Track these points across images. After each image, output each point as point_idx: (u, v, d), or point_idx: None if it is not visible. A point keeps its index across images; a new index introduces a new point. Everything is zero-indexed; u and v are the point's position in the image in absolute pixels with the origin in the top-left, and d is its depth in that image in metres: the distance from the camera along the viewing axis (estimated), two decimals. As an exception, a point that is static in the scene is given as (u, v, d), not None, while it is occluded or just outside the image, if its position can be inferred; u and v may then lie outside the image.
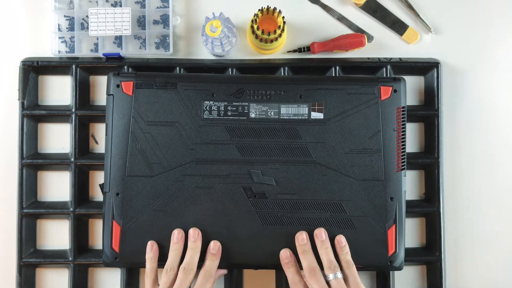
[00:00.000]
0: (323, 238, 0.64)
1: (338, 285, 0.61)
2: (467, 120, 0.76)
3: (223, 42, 0.69)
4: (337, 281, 0.61)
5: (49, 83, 0.76)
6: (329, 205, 0.65)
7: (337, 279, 0.61)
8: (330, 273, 0.62)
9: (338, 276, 0.62)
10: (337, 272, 0.62)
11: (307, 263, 0.63)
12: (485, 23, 0.76)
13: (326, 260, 0.63)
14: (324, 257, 0.63)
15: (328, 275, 0.62)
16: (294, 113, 0.66)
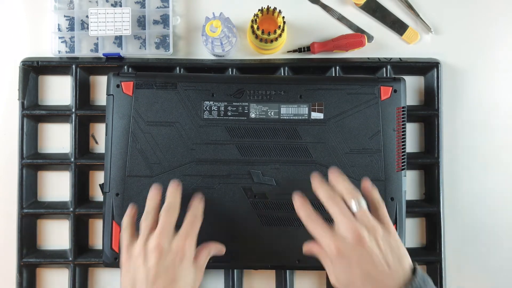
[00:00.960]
0: (336, 173, 0.58)
1: (365, 216, 0.54)
2: (467, 120, 0.76)
3: (223, 42, 0.69)
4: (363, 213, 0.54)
5: (49, 83, 0.76)
6: (329, 205, 0.65)
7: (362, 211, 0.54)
8: (353, 202, 0.55)
9: (363, 206, 0.55)
10: (360, 199, 0.55)
11: (325, 193, 0.56)
12: (485, 23, 0.76)
13: (347, 189, 0.56)
14: (342, 186, 0.56)
15: (351, 204, 0.55)
16: (294, 113, 0.66)
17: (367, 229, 0.53)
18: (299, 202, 0.58)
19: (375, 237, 0.53)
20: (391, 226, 0.56)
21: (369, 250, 0.52)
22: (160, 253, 0.55)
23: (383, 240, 0.54)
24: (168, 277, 0.54)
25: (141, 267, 0.54)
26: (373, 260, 0.52)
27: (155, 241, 0.55)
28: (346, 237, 0.53)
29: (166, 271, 0.54)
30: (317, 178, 0.58)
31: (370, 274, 0.52)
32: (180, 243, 0.56)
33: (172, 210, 0.58)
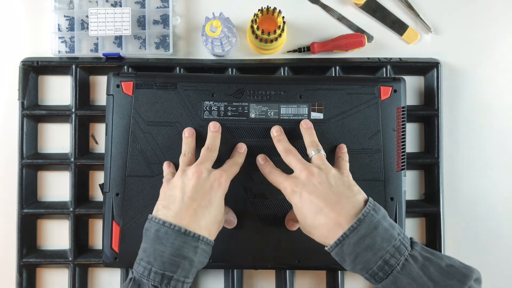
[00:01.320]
0: (309, 125, 0.64)
1: (319, 159, 0.59)
2: (467, 120, 0.76)
3: (223, 42, 0.69)
4: (318, 155, 0.59)
5: (49, 83, 0.76)
6: (329, 205, 0.65)
7: (319, 154, 0.59)
8: (312, 150, 0.60)
9: (321, 152, 0.60)
10: (319, 149, 0.60)
11: (282, 147, 0.62)
12: (485, 23, 0.76)
13: (309, 141, 0.62)
14: (308, 138, 0.62)
15: (310, 152, 0.60)
16: (294, 113, 0.66)
17: (318, 166, 0.58)
18: (261, 160, 0.64)
19: (326, 173, 0.57)
20: (346, 171, 0.60)
21: (317, 183, 0.56)
22: (198, 177, 0.58)
23: (334, 176, 0.57)
24: (203, 201, 0.56)
25: (178, 189, 0.57)
26: (321, 192, 0.55)
27: (195, 167, 0.59)
28: (299, 176, 0.57)
29: (203, 195, 0.57)
30: (275, 134, 0.64)
31: (319, 205, 0.54)
32: (218, 174, 0.59)
33: (212, 149, 0.62)
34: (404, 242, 0.52)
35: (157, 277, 0.53)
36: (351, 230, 0.51)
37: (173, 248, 0.53)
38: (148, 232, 0.55)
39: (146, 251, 0.54)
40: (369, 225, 0.52)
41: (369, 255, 0.51)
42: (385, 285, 0.51)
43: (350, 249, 0.52)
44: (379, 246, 0.51)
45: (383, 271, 0.51)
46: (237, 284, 0.72)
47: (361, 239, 0.51)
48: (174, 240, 0.54)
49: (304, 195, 0.55)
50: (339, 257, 0.53)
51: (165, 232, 0.54)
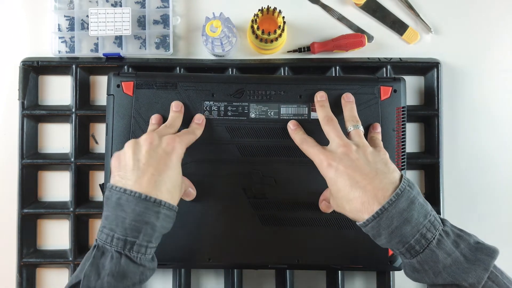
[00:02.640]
0: (350, 99, 0.64)
1: (357, 135, 0.59)
2: (467, 120, 0.76)
3: (223, 42, 0.69)
4: (356, 131, 0.59)
5: (49, 83, 0.76)
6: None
7: (357, 130, 0.59)
8: (351, 125, 0.60)
9: (359, 128, 0.60)
10: (358, 124, 0.60)
11: (324, 113, 0.61)
12: (485, 23, 0.76)
13: (349, 115, 0.62)
14: (348, 112, 0.62)
15: (349, 126, 0.60)
16: (294, 113, 0.66)
17: (357, 145, 0.57)
18: (293, 126, 0.64)
19: (363, 151, 0.57)
20: (383, 150, 0.59)
21: (354, 158, 0.55)
22: (150, 143, 0.57)
23: (372, 154, 0.57)
24: (159, 165, 0.56)
25: (131, 157, 0.57)
26: (359, 166, 0.55)
27: (146, 135, 0.58)
28: (336, 151, 0.57)
29: (157, 160, 0.56)
30: (318, 98, 0.64)
31: (356, 178, 0.54)
32: (170, 139, 0.58)
33: (170, 126, 0.62)
34: (437, 218, 0.54)
35: (119, 242, 0.53)
36: (390, 204, 0.52)
37: (134, 214, 0.53)
38: (109, 200, 0.55)
39: (108, 218, 0.55)
40: (407, 199, 0.52)
41: (407, 228, 0.52)
42: (421, 260, 0.52)
43: (388, 223, 0.52)
44: (416, 220, 0.52)
45: (419, 244, 0.52)
46: (237, 284, 0.72)
47: (400, 213, 0.52)
48: (135, 206, 0.54)
49: (340, 169, 0.55)
50: (374, 231, 0.53)
51: (126, 200, 0.54)
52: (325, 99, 0.64)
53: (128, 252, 0.53)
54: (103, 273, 0.53)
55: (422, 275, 0.53)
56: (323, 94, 0.64)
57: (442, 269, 0.51)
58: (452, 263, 0.51)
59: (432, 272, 0.52)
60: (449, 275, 0.51)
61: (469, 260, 0.51)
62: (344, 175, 0.55)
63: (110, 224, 0.54)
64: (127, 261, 0.53)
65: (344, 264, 0.67)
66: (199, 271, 0.75)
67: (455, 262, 0.51)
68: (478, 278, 0.50)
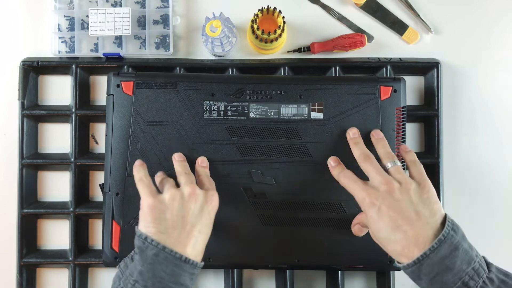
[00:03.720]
0: (380, 136, 0.62)
1: (398, 172, 0.57)
2: (467, 120, 0.76)
3: (223, 42, 0.69)
4: (396, 168, 0.57)
5: (49, 83, 0.76)
6: (329, 205, 0.65)
7: (396, 167, 0.57)
8: (388, 162, 0.58)
9: (397, 164, 0.58)
10: (395, 160, 0.58)
11: (360, 151, 0.60)
12: (485, 23, 0.76)
13: (383, 152, 0.60)
14: (381, 149, 0.60)
15: (386, 163, 0.58)
16: (294, 113, 0.66)
17: (399, 182, 0.55)
18: (333, 162, 0.63)
19: (407, 189, 0.55)
20: (427, 183, 0.57)
21: (398, 198, 0.54)
22: (195, 201, 0.57)
23: (415, 193, 0.55)
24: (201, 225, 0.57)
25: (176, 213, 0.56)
26: (401, 208, 0.53)
27: (190, 188, 0.58)
28: (378, 188, 0.55)
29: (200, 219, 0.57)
30: (351, 135, 0.63)
31: (397, 222, 0.53)
32: (212, 195, 0.59)
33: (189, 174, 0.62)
34: (482, 264, 0.52)
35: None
36: (431, 250, 0.51)
37: (172, 275, 0.53)
38: (144, 254, 0.54)
39: (142, 274, 0.54)
40: (450, 246, 0.51)
41: (449, 276, 0.51)
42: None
43: (429, 269, 0.51)
44: (459, 268, 0.51)
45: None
46: (237, 284, 0.72)
47: (441, 260, 0.51)
48: (174, 267, 0.53)
49: (382, 209, 0.54)
50: (414, 275, 0.52)
51: (165, 258, 0.53)
52: (358, 136, 0.63)
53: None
54: None
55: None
56: (356, 131, 0.63)
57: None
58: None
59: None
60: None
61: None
62: (386, 217, 0.54)
63: (144, 281, 0.53)
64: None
65: (344, 264, 0.67)
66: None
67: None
68: None
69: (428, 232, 0.52)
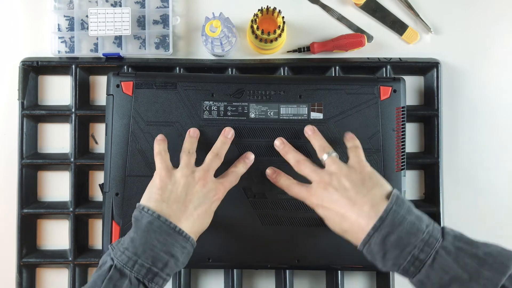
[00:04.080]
0: (313, 131, 0.63)
1: (332, 162, 0.58)
2: (467, 120, 0.76)
3: (223, 42, 0.69)
4: (330, 159, 0.58)
5: (49, 83, 0.76)
6: (329, 205, 0.65)
7: (331, 157, 0.58)
8: (323, 154, 0.59)
9: (333, 155, 0.59)
10: (330, 151, 0.59)
11: (293, 159, 0.61)
12: (485, 23, 0.76)
13: (318, 145, 0.61)
14: (316, 143, 0.61)
15: (322, 157, 0.59)
16: (293, 113, 0.66)
17: (331, 173, 0.57)
18: (271, 173, 0.64)
19: (339, 179, 0.56)
20: (362, 164, 0.58)
21: (333, 191, 0.56)
22: (203, 186, 0.58)
23: (348, 178, 0.56)
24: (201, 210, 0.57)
25: (182, 188, 0.57)
26: (338, 200, 0.55)
27: (202, 173, 0.59)
28: (316, 190, 0.57)
29: (202, 204, 0.58)
30: (280, 147, 0.64)
31: (340, 213, 0.55)
32: (220, 187, 0.60)
33: (219, 156, 0.62)
34: (434, 234, 0.51)
35: (142, 270, 0.52)
36: (374, 230, 0.52)
37: (164, 244, 0.53)
38: (139, 222, 0.55)
39: (134, 241, 0.53)
40: (392, 222, 0.51)
41: (397, 252, 0.51)
42: (419, 279, 0.51)
43: (377, 248, 0.52)
44: (406, 242, 0.50)
45: (414, 266, 0.50)
46: (237, 284, 0.72)
47: (385, 237, 0.51)
48: (167, 236, 0.53)
49: (325, 206, 0.56)
50: (369, 256, 0.53)
51: (159, 226, 0.54)
52: (285, 144, 0.63)
53: (148, 282, 0.52)
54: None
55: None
56: (281, 141, 0.64)
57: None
58: (451, 281, 0.48)
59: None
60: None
61: (472, 278, 0.48)
62: (330, 213, 0.56)
63: (135, 248, 0.53)
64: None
65: (344, 264, 0.67)
66: (199, 271, 0.75)
67: (455, 280, 0.48)
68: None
69: (369, 212, 0.53)
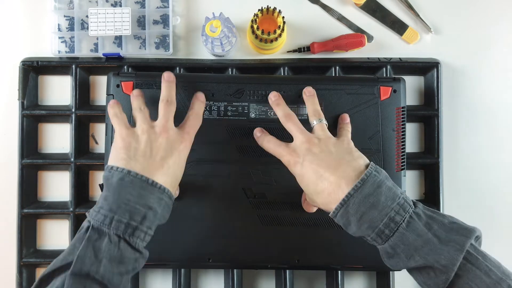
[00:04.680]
0: (312, 93, 0.63)
1: (320, 129, 0.59)
2: (467, 120, 0.76)
3: (223, 42, 0.69)
4: (320, 125, 0.59)
5: (49, 83, 0.76)
6: (329, 205, 0.65)
7: (321, 124, 0.59)
8: (314, 119, 0.60)
9: (323, 122, 0.60)
10: (321, 118, 0.60)
11: (282, 112, 0.61)
12: (485, 23, 0.76)
13: (312, 110, 0.61)
14: (310, 107, 0.62)
15: (312, 121, 0.60)
16: (294, 113, 0.66)
17: (319, 137, 0.58)
18: (258, 132, 0.63)
19: (326, 143, 0.57)
20: (346, 138, 0.60)
21: (317, 152, 0.56)
22: (166, 138, 0.57)
23: (334, 145, 0.57)
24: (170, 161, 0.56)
25: (145, 144, 0.56)
26: (322, 160, 0.55)
27: (162, 127, 0.57)
28: (299, 148, 0.57)
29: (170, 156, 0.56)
30: (273, 98, 0.63)
31: (319, 172, 0.55)
32: (183, 133, 0.59)
33: (170, 101, 0.60)
34: (408, 200, 0.53)
35: (120, 225, 0.51)
36: (355, 190, 0.52)
37: (139, 197, 0.52)
38: (110, 181, 0.53)
39: (107, 199, 0.52)
40: (373, 184, 0.52)
41: (375, 213, 0.52)
42: (392, 243, 0.52)
43: (355, 209, 0.52)
44: (383, 204, 0.52)
45: (389, 228, 0.52)
46: (237, 284, 0.72)
47: (365, 198, 0.52)
48: (140, 189, 0.52)
49: (305, 165, 0.56)
50: (344, 219, 0.53)
51: (130, 182, 0.53)
52: (279, 97, 0.63)
53: (129, 237, 0.51)
54: (99, 256, 0.50)
55: (396, 260, 0.53)
56: (276, 94, 0.63)
57: (414, 251, 0.51)
58: (423, 244, 0.51)
59: (404, 255, 0.51)
60: (421, 257, 0.50)
61: (442, 241, 0.51)
62: (309, 170, 0.55)
63: (109, 205, 0.52)
64: (126, 246, 0.51)
65: (344, 264, 0.67)
66: (199, 271, 0.75)
67: (427, 244, 0.51)
68: (452, 259, 0.49)
69: (351, 174, 0.54)
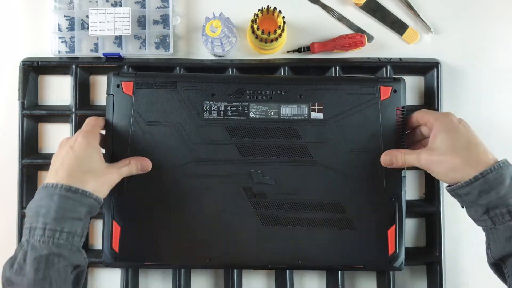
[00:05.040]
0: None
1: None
2: (467, 120, 0.75)
3: (223, 42, 0.69)
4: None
5: (49, 83, 0.76)
6: (329, 205, 0.66)
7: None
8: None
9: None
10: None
11: (419, 113, 0.65)
12: (485, 23, 0.76)
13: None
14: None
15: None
16: (294, 113, 0.66)
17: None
18: (388, 159, 0.65)
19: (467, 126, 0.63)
20: None
21: (462, 126, 0.62)
22: (66, 142, 0.61)
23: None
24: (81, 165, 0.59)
25: (67, 152, 0.60)
26: (470, 135, 0.61)
27: (79, 137, 0.61)
28: (447, 117, 0.62)
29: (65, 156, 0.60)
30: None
31: (471, 140, 0.60)
32: (79, 136, 0.61)
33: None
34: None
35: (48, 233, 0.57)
36: (491, 171, 0.57)
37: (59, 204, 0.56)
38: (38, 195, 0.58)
39: (31, 209, 0.58)
40: (506, 173, 0.58)
41: (496, 199, 0.56)
42: (507, 227, 0.56)
43: (477, 191, 0.57)
44: (505, 194, 0.56)
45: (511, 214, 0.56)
46: (237, 284, 0.72)
47: (487, 184, 0.57)
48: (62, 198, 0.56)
49: (461, 129, 0.61)
50: (471, 195, 0.58)
51: (53, 191, 0.57)
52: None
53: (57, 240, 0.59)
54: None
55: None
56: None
57: None
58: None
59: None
60: None
61: None
62: (462, 136, 0.60)
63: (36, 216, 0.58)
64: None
65: (344, 264, 0.67)
66: (199, 271, 0.75)
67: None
68: None
69: (487, 157, 0.59)
